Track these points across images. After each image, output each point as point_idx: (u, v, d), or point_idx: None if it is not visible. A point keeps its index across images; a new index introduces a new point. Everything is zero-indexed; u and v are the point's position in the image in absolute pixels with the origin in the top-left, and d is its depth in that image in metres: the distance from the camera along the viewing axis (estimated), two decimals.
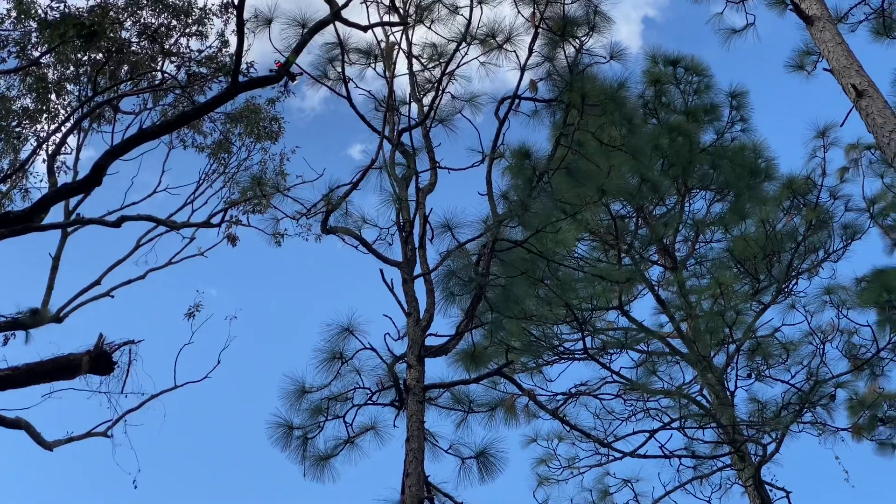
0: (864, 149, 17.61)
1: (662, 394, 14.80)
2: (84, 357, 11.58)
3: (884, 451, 16.24)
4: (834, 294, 14.55)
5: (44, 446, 17.26)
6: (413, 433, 10.21)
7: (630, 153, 13.14)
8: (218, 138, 22.14)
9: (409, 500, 9.59)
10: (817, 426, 14.75)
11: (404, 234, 12.32)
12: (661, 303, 15.73)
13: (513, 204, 12.40)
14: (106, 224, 17.65)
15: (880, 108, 10.68)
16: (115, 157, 11.63)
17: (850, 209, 15.82)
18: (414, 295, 11.62)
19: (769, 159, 16.56)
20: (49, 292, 19.54)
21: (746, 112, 17.10)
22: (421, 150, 13.39)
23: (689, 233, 17.01)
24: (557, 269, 12.60)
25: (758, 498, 14.10)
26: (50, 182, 19.22)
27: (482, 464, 11.32)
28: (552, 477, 15.56)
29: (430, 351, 11.23)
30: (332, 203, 12.22)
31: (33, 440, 16.71)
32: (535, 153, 13.17)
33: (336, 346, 11.46)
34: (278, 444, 11.66)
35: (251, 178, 14.82)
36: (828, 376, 14.33)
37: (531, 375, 15.15)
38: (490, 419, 12.60)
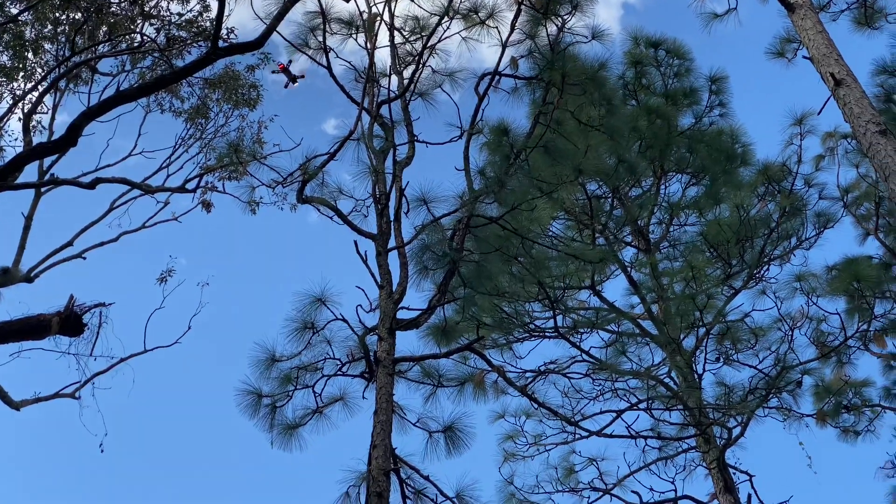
0: (840, 138, 17.72)
1: (631, 374, 14.88)
2: (54, 318, 11.57)
3: (847, 438, 16.44)
4: (805, 281, 14.67)
5: (11, 405, 17.25)
6: (381, 405, 10.22)
7: (608, 134, 13.13)
8: (196, 103, 22.04)
9: (376, 471, 9.60)
10: (783, 411, 14.89)
11: (380, 206, 12.29)
12: (633, 284, 15.78)
13: (489, 180, 12.41)
14: (80, 185, 17.56)
15: (857, 97, 10.71)
16: (92, 119, 11.57)
17: (824, 197, 15.94)
18: (387, 268, 11.61)
19: (746, 145, 16.64)
20: (20, 252, 19.45)
21: (725, 97, 17.16)
22: (399, 124, 13.35)
23: (664, 215, 17.07)
24: (531, 246, 12.61)
25: (721, 480, 14.22)
26: (25, 141, 19.09)
27: (449, 438, 11.35)
28: (518, 453, 15.66)
29: (401, 324, 11.24)
30: (309, 173, 12.17)
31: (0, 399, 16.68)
32: (513, 130, 13.17)
33: (308, 315, 11.44)
34: (247, 411, 11.64)
35: (228, 144, 14.73)
36: (795, 363, 14.45)
37: (501, 352, 15.19)
38: (459, 394, 12.62)
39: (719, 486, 14.26)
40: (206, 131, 22.16)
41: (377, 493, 9.42)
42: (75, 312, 11.79)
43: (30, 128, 19.62)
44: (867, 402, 16.66)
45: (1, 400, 17.02)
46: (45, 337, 11.78)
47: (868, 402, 16.67)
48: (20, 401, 17.75)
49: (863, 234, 18.46)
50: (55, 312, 11.72)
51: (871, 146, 10.14)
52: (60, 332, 11.76)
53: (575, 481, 15.36)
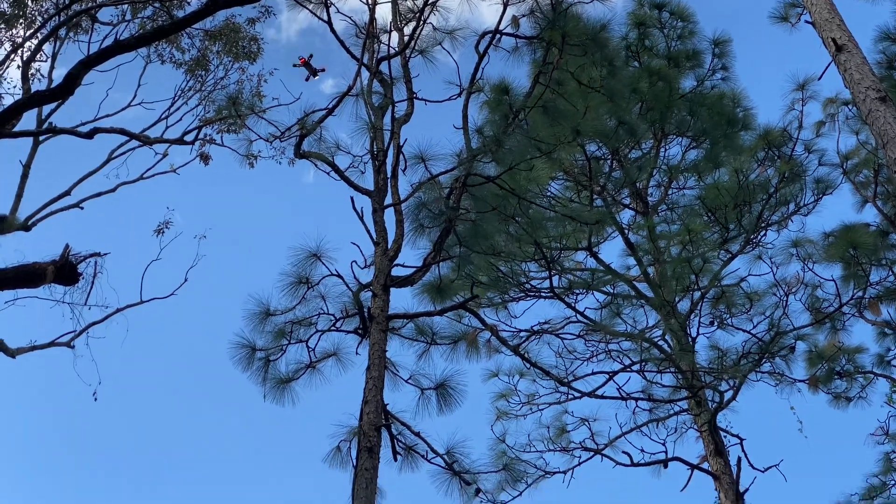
0: (841, 104, 17.67)
1: (625, 336, 14.90)
2: (49, 266, 11.59)
3: (838, 404, 16.50)
4: (801, 247, 14.64)
5: (7, 353, 17.30)
6: (374, 361, 10.27)
7: (608, 95, 13.10)
8: (196, 55, 21.94)
9: (367, 426, 9.66)
10: (775, 376, 14.91)
11: (377, 163, 12.28)
12: (630, 246, 15.77)
13: (488, 139, 12.38)
14: (78, 135, 17.48)
15: (858, 63, 10.64)
16: (90, 67, 11.51)
17: (823, 164, 15.87)
18: (383, 224, 11.62)
19: (747, 109, 16.57)
20: (18, 200, 19.43)
21: (728, 60, 17.07)
22: (399, 81, 13.32)
23: (663, 178, 17.04)
24: (529, 206, 12.58)
25: (712, 443, 14.29)
26: (23, 89, 19.04)
27: (441, 395, 11.40)
28: (511, 412, 15.69)
29: (395, 281, 11.26)
30: (307, 128, 12.15)
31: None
32: (513, 90, 13.13)
33: (302, 270, 11.46)
34: (240, 364, 11.70)
35: (227, 97, 14.64)
36: (789, 328, 14.46)
37: (496, 311, 15.19)
38: (452, 352, 12.63)
39: (710, 448, 14.33)
40: (205, 83, 22.08)
41: (368, 447, 9.48)
42: (70, 262, 11.80)
43: (28, 76, 19.55)
44: (860, 368, 16.70)
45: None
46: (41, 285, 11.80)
47: (861, 368, 16.71)
48: (16, 348, 17.80)
49: (861, 202, 18.44)
50: (50, 261, 11.72)
51: (870, 113, 10.09)
52: (55, 281, 11.77)
53: (567, 441, 15.41)
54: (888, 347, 17.37)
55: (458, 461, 11.11)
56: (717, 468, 14.14)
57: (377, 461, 9.51)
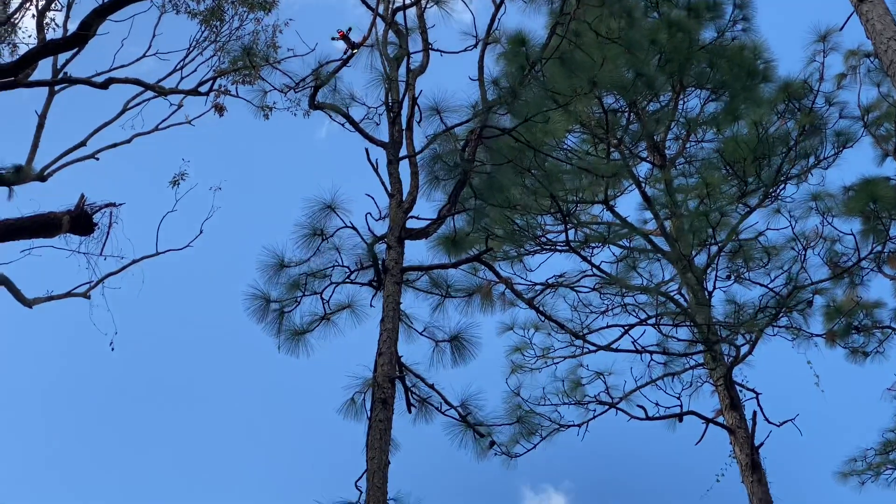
0: (863, 56, 17.46)
1: (640, 290, 14.84)
2: (65, 216, 11.61)
3: (856, 358, 16.42)
4: (820, 201, 14.50)
5: (24, 303, 17.32)
6: (388, 313, 10.25)
7: (626, 46, 12.97)
8: (211, 5, 21.69)
9: (381, 378, 9.66)
10: (792, 331, 14.85)
11: (392, 114, 12.21)
12: (646, 199, 15.67)
13: (504, 91, 12.28)
14: (93, 85, 17.41)
15: (881, 13, 10.49)
16: (104, 16, 11.47)
17: (844, 116, 15.73)
18: (398, 176, 11.57)
19: (768, 61, 16.37)
20: (34, 150, 19.37)
21: (749, 11, 16.87)
22: (414, 31, 13.20)
23: (681, 131, 16.90)
24: (545, 159, 12.52)
25: (727, 398, 14.27)
26: (38, 38, 18.92)
27: (455, 347, 11.40)
28: (526, 365, 15.67)
29: (410, 233, 11.22)
30: (322, 78, 12.07)
31: (13, 296, 16.77)
32: (529, 41, 13.00)
33: (317, 222, 11.44)
34: (255, 315, 11.72)
35: (242, 48, 14.58)
36: (807, 282, 14.37)
37: (511, 264, 15.16)
38: (467, 305, 12.62)
39: (725, 403, 14.32)
40: (220, 34, 21.84)
41: (382, 399, 9.49)
42: (86, 211, 11.83)
43: (43, 25, 19.43)
44: (878, 323, 16.61)
45: (14, 297, 17.10)
46: (56, 235, 11.83)
47: (879, 323, 16.62)
48: (32, 298, 17.84)
49: (882, 155, 18.28)
50: (66, 211, 11.74)
51: (892, 63, 9.96)
52: (71, 231, 11.81)
53: (581, 394, 15.38)
54: None
55: (472, 413, 11.14)
56: (732, 422, 14.13)
57: (391, 413, 9.53)
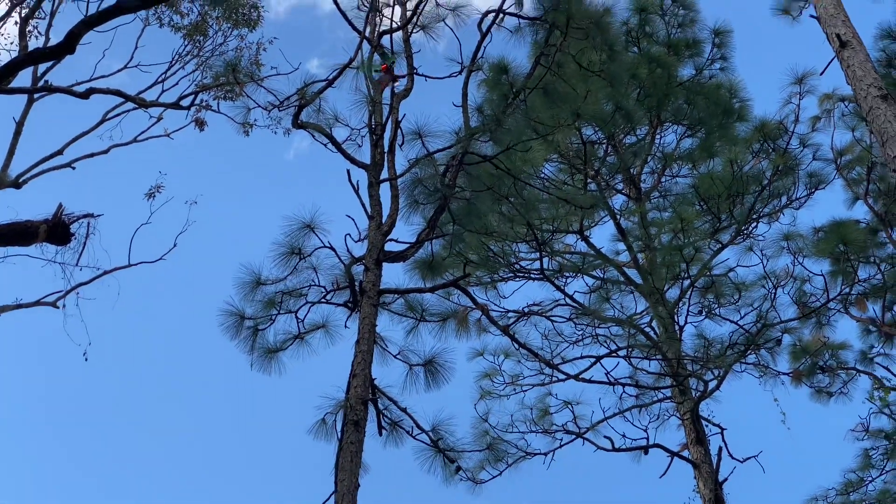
0: (838, 100, 17.73)
1: (613, 321, 14.94)
2: (42, 225, 11.53)
3: (820, 399, 16.60)
4: (792, 240, 14.68)
5: None
6: (364, 335, 10.28)
7: (608, 79, 13.09)
8: (195, 20, 21.80)
9: (354, 399, 9.68)
10: (760, 368, 14.99)
11: (375, 137, 12.27)
12: (621, 231, 15.80)
13: (486, 118, 12.37)
14: (74, 94, 17.37)
15: (862, 60, 10.68)
16: (91, 27, 11.40)
17: (817, 158, 15.88)
18: (378, 199, 11.61)
19: (744, 100, 16.60)
20: (10, 157, 19.35)
21: (728, 51, 17.11)
22: (400, 55, 13.27)
23: (657, 165, 17.08)
24: (523, 187, 12.60)
25: (693, 432, 14.36)
26: (20, 45, 18.93)
27: (429, 372, 11.43)
28: (495, 392, 15.72)
29: (388, 256, 11.26)
30: (306, 98, 12.12)
31: None
32: (513, 70, 13.12)
33: (295, 241, 11.45)
34: (228, 332, 11.70)
35: (226, 63, 14.56)
36: (776, 320, 14.52)
37: (486, 290, 15.23)
38: (441, 329, 12.65)
39: (691, 437, 14.41)
40: (203, 49, 21.95)
41: (354, 421, 9.51)
42: (63, 221, 11.74)
43: (26, 33, 19.44)
44: (843, 364, 16.81)
45: None
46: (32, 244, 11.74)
47: (844, 364, 16.82)
48: (1, 306, 17.76)
49: (852, 198, 18.53)
50: (43, 220, 11.67)
51: (871, 110, 10.13)
52: (47, 240, 11.71)
53: (549, 423, 15.43)
54: (871, 345, 17.52)
55: (442, 438, 11.16)
56: (697, 456, 14.22)
57: (363, 435, 9.54)
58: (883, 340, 17.50)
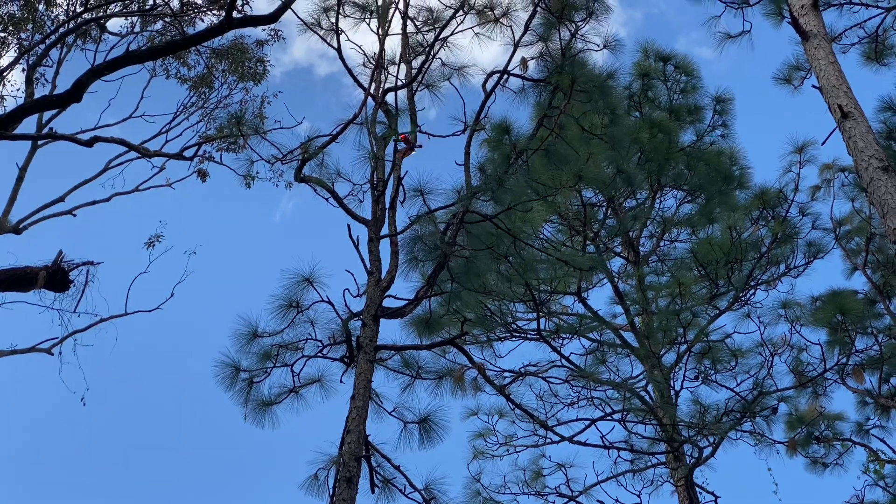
0: (838, 170, 17.81)
1: (608, 384, 14.91)
2: (41, 271, 11.57)
3: (815, 469, 16.53)
4: (789, 309, 14.69)
5: None
6: (359, 391, 10.25)
7: (609, 143, 13.18)
8: (201, 72, 21.98)
9: (347, 456, 9.63)
10: (755, 436, 14.91)
11: (376, 193, 12.31)
12: (618, 294, 15.81)
13: (488, 177, 12.43)
14: (78, 142, 17.46)
15: (863, 132, 10.74)
16: (98, 76, 11.52)
17: (816, 227, 15.95)
18: (378, 254, 11.64)
19: (744, 168, 16.69)
20: (11, 203, 19.42)
21: (729, 118, 17.22)
22: (404, 112, 13.36)
23: (656, 229, 17.12)
24: (522, 247, 12.63)
25: (687, 499, 14.26)
26: (27, 92, 19.03)
27: (424, 430, 11.38)
28: (488, 452, 15.65)
29: (386, 312, 11.26)
30: (310, 152, 12.18)
31: None
32: (516, 130, 13.20)
33: (294, 294, 11.44)
34: (223, 383, 11.64)
35: (230, 116, 14.70)
36: (773, 389, 14.48)
37: (482, 349, 15.22)
38: (437, 387, 12.62)
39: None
40: (208, 101, 22.11)
41: (347, 478, 9.45)
42: (63, 268, 11.79)
43: (33, 80, 19.56)
44: (839, 435, 16.76)
45: None
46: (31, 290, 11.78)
47: (839, 435, 16.77)
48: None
49: (851, 269, 18.56)
50: (43, 266, 11.71)
51: (871, 181, 10.17)
52: (46, 287, 11.75)
53: (542, 485, 15.37)
54: (868, 416, 17.45)
55: (435, 498, 11.06)
56: None
57: (355, 492, 9.48)
58: (879, 412, 17.45)
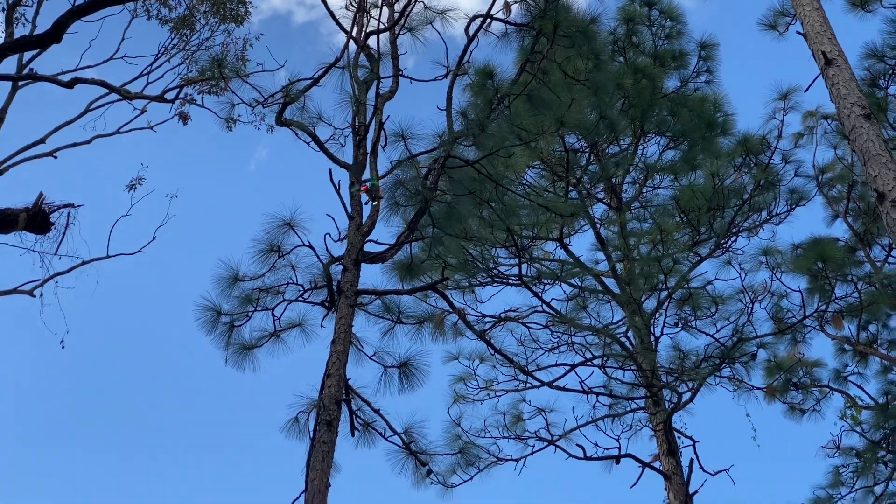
0: (821, 117, 17.78)
1: (589, 330, 14.99)
2: (22, 213, 11.50)
3: (793, 415, 16.67)
4: (770, 256, 14.75)
5: None
6: (340, 335, 10.25)
7: (593, 88, 13.11)
8: (183, 13, 21.72)
9: (328, 399, 9.65)
10: (734, 382, 15.03)
11: (358, 137, 12.24)
12: (600, 241, 15.83)
13: (470, 123, 12.36)
14: (59, 83, 17.28)
15: (846, 79, 10.70)
16: (79, 17, 11.38)
17: (799, 175, 15.99)
18: (359, 199, 11.59)
19: (728, 114, 16.62)
20: None
21: (713, 64, 17.15)
22: (386, 56, 13.25)
23: (639, 176, 17.11)
24: (504, 193, 12.60)
25: (665, 443, 14.40)
26: (7, 32, 18.83)
27: (404, 374, 11.41)
28: (469, 396, 15.73)
29: (367, 257, 11.23)
30: (291, 95, 12.09)
31: None
32: (499, 75, 13.14)
33: (275, 238, 11.39)
34: (204, 327, 11.62)
35: (212, 58, 14.55)
36: (752, 335, 14.57)
37: (463, 294, 15.27)
38: (417, 332, 12.65)
39: (663, 448, 14.44)
40: (190, 43, 21.86)
41: (327, 421, 9.47)
42: (44, 210, 11.72)
43: (13, 20, 19.33)
44: (816, 382, 16.89)
45: None
46: (11, 232, 11.71)
47: (817, 382, 16.90)
48: None
49: (832, 216, 18.60)
50: (23, 208, 11.64)
51: (853, 129, 10.16)
52: (27, 229, 11.69)
53: (522, 429, 15.47)
54: (846, 363, 17.59)
55: (415, 441, 11.14)
56: (668, 468, 14.25)
57: (335, 435, 9.51)
58: (857, 359, 17.59)
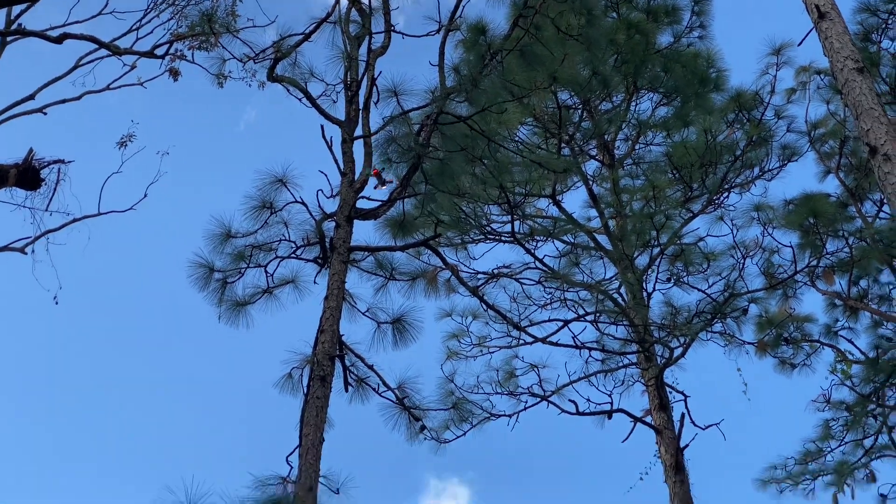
0: (814, 73, 17.71)
1: (581, 286, 15.02)
2: (12, 169, 11.44)
3: (784, 370, 16.76)
4: (762, 212, 14.77)
5: None
6: (333, 291, 10.25)
7: (585, 44, 13.05)
8: None
9: (321, 355, 9.67)
10: (725, 337, 15.11)
11: (350, 93, 12.19)
12: (593, 197, 15.84)
13: (462, 78, 12.31)
14: (47, 38, 17.12)
15: (839, 32, 10.68)
16: None
17: (791, 130, 15.97)
18: (352, 155, 11.55)
19: (721, 70, 16.57)
20: None
21: (707, 19, 17.11)
22: (377, 11, 13.17)
23: (631, 132, 17.09)
24: (497, 149, 12.58)
25: (657, 398, 14.48)
26: None
27: (397, 330, 11.43)
28: (462, 352, 15.78)
29: (360, 213, 11.22)
30: (282, 51, 12.02)
31: None
32: (491, 31, 13.05)
33: (267, 195, 11.35)
34: (197, 284, 11.62)
35: (202, 13, 14.43)
36: (743, 290, 14.63)
37: (456, 251, 15.28)
38: (410, 288, 12.64)
39: (654, 403, 14.54)
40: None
41: (321, 376, 9.49)
42: (33, 166, 11.66)
43: None
44: (807, 336, 16.96)
45: None
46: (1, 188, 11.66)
47: (808, 336, 16.97)
48: None
49: (824, 171, 18.57)
50: (13, 164, 11.58)
51: (846, 83, 10.15)
52: (17, 185, 11.63)
53: (514, 385, 15.53)
54: (836, 318, 17.62)
55: (408, 396, 11.17)
56: (659, 422, 14.35)
57: (329, 391, 9.53)
58: (848, 314, 17.63)
